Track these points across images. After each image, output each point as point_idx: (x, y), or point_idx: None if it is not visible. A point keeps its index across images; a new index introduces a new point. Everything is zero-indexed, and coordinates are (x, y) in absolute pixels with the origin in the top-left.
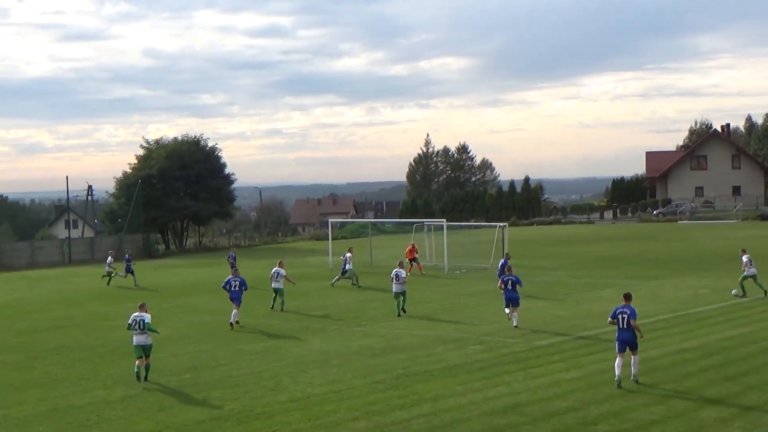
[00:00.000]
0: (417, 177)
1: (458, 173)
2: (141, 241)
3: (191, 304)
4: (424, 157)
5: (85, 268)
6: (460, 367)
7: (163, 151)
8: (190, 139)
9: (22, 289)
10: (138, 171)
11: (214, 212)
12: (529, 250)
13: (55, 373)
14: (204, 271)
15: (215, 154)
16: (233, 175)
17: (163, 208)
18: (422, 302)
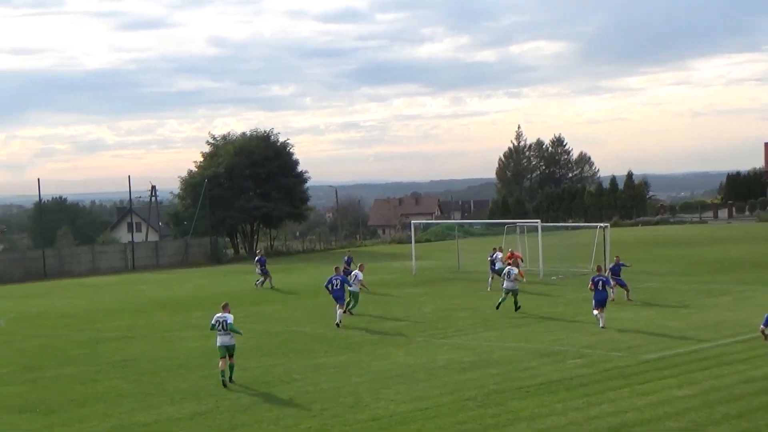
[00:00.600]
0: (507, 173)
1: (553, 169)
2: (208, 245)
3: (262, 313)
4: (515, 152)
5: (150, 274)
6: (559, 383)
7: (230, 148)
8: (259, 133)
9: (83, 297)
10: (204, 169)
11: (286, 213)
12: (633, 254)
13: (119, 387)
14: (276, 277)
15: (287, 150)
16: (306, 173)
17: (232, 209)
18: (513, 312)
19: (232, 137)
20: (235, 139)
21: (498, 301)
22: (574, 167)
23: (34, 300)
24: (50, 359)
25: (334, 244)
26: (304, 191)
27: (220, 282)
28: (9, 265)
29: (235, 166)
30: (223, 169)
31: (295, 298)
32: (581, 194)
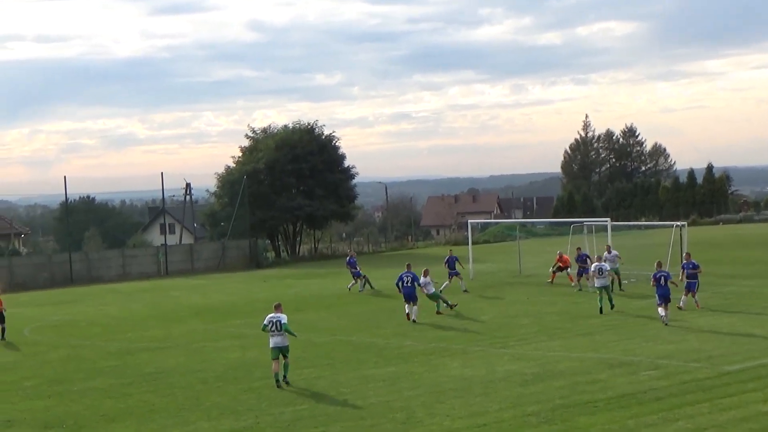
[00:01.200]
0: (574, 167)
1: (624, 162)
2: (247, 247)
3: (306, 321)
4: (582, 143)
5: (184, 279)
6: (631, 396)
7: (271, 142)
8: (302, 126)
9: (113, 305)
10: (243, 165)
11: (331, 213)
12: (713, 254)
13: (152, 401)
14: (320, 282)
15: (332, 144)
16: (354, 169)
17: (273, 208)
18: (581, 317)
19: (273, 130)
20: (276, 132)
21: (598, 305)
22: (647, 160)
23: (60, 308)
24: (77, 371)
25: (384, 246)
26: (352, 188)
27: (260, 288)
28: (33, 270)
29: (276, 162)
30: (263, 164)
31: (342, 304)
32: (655, 190)
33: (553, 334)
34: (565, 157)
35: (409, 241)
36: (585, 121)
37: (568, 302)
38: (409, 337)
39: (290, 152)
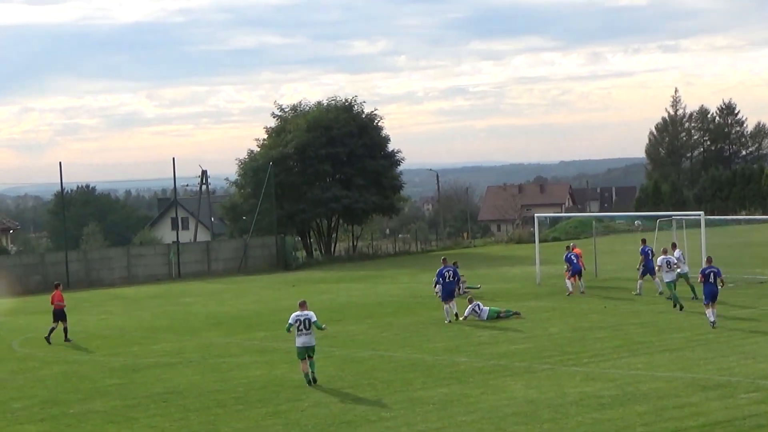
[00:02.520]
0: (661, 151)
1: (721, 144)
2: (273, 246)
3: (344, 333)
4: (670, 123)
5: (199, 283)
6: (728, 423)
7: (302, 122)
8: (339, 103)
9: (116, 313)
10: (269, 149)
11: (373, 205)
12: None
13: (161, 426)
14: (360, 287)
15: (374, 125)
16: (399, 153)
17: (304, 200)
18: (668, 330)
19: (304, 108)
20: (307, 110)
21: (672, 301)
22: (749, 142)
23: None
24: (75, 391)
25: (435, 245)
26: (397, 177)
27: (288, 294)
28: (24, 271)
29: (308, 145)
30: (292, 148)
31: (384, 314)
32: (758, 178)
33: (635, 349)
34: (651, 140)
35: (464, 238)
36: (674, 96)
37: (653, 312)
38: (464, 353)
39: (324, 134)
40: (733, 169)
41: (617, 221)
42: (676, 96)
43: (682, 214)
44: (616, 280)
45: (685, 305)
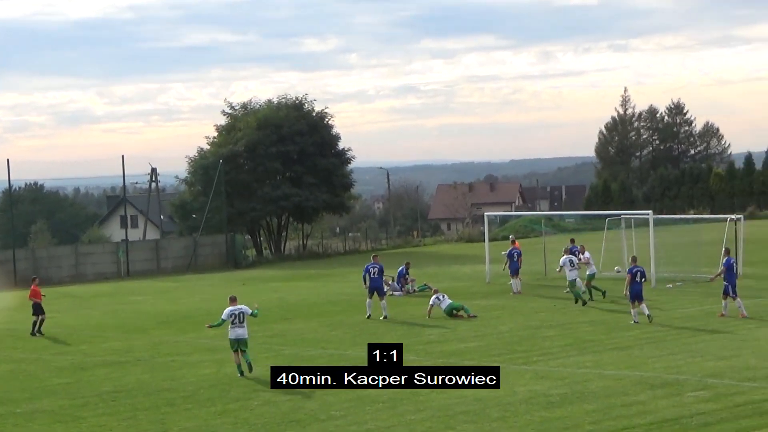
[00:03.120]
0: (610, 150)
1: (670, 144)
2: (223, 244)
3: (293, 332)
4: (620, 122)
5: (148, 282)
6: (675, 422)
7: (252, 120)
8: (289, 101)
9: (64, 311)
10: (219, 147)
11: (323, 204)
12: None
13: (109, 425)
14: (310, 286)
15: (325, 123)
16: (350, 152)
17: (254, 198)
18: (617, 329)
19: (255, 106)
20: (258, 108)
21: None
22: (697, 142)
23: (1, 314)
24: (22, 390)
25: (385, 243)
26: (347, 175)
27: (238, 292)
28: None
29: (258, 143)
30: (242, 146)
31: (334, 312)
32: (706, 177)
33: (584, 348)
34: (600, 139)
35: (414, 236)
36: (624, 95)
37: (602, 311)
38: (413, 351)
39: (275, 132)
40: (681, 169)
41: (566, 220)
42: (626, 95)
43: (631, 213)
44: (566, 279)
45: (569, 306)
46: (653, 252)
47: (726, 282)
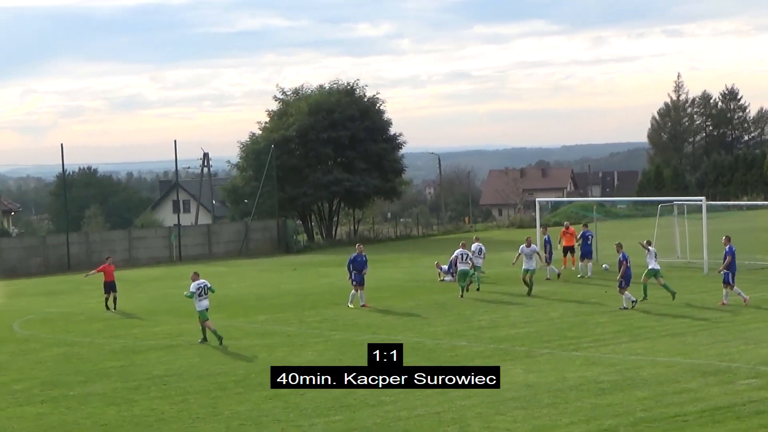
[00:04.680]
0: (663, 136)
1: (724, 130)
2: (274, 229)
3: (344, 317)
4: (673, 108)
5: (200, 266)
6: (727, 410)
7: (304, 105)
8: (341, 86)
9: (117, 295)
10: (270, 132)
11: (374, 189)
12: None
13: (161, 409)
14: None
15: (376, 108)
16: (401, 137)
17: (305, 183)
18: (669, 315)
19: (307, 91)
20: (310, 93)
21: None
22: (751, 128)
23: (55, 298)
24: (75, 374)
25: (436, 229)
26: (399, 160)
27: (289, 277)
28: (24, 254)
29: (309, 129)
30: (294, 132)
31: (385, 298)
32: (760, 163)
33: (635, 334)
34: (653, 125)
35: (466, 222)
36: (677, 81)
37: (654, 297)
38: (464, 337)
39: (326, 117)
40: (735, 155)
41: (618, 206)
42: (679, 81)
43: (683, 200)
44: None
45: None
46: (706, 239)
47: (727, 270)
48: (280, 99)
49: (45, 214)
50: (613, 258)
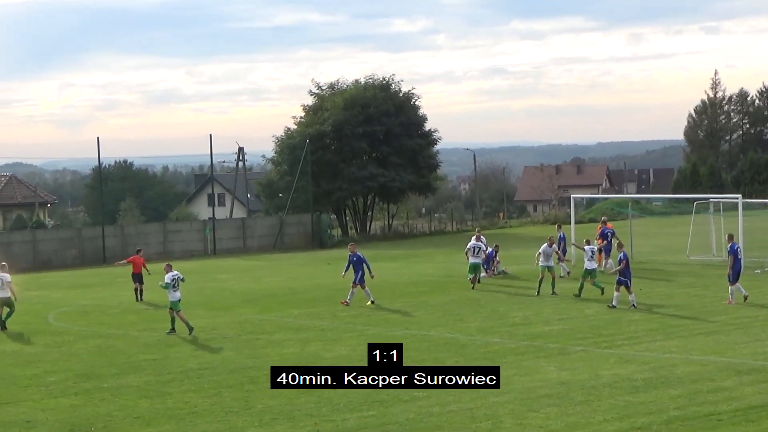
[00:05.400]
0: (699, 134)
1: (761, 128)
2: (308, 223)
3: (376, 313)
4: (710, 106)
5: (234, 260)
6: (761, 409)
7: (339, 100)
8: (376, 81)
9: (151, 288)
10: (305, 127)
11: (409, 184)
12: None
13: (194, 403)
14: (394, 266)
15: (411, 103)
16: (436, 133)
17: (340, 178)
18: (704, 314)
19: (342, 86)
20: (345, 88)
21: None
22: None
23: (89, 291)
24: (109, 366)
25: (471, 225)
26: (433, 156)
27: (323, 272)
28: (60, 245)
29: (344, 124)
30: (329, 126)
31: (418, 293)
32: None
33: (669, 332)
34: (689, 122)
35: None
36: (714, 78)
37: (688, 295)
38: (497, 333)
39: (361, 112)
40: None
41: (654, 203)
42: (716, 78)
43: (719, 197)
44: (652, 262)
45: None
46: (742, 236)
47: (730, 268)
48: (315, 94)
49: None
50: (645, 255)
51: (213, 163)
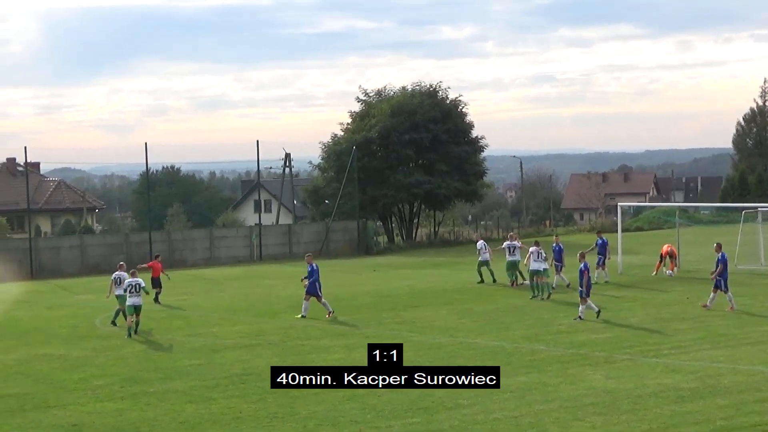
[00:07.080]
0: (748, 142)
1: None
2: (354, 230)
3: (422, 319)
4: (759, 114)
5: (281, 266)
6: None
7: (386, 106)
8: (423, 88)
9: (197, 293)
10: (352, 134)
11: (456, 191)
12: None
13: (239, 408)
14: (440, 273)
15: (459, 110)
16: (483, 140)
17: (386, 185)
18: (752, 323)
19: (389, 93)
20: (392, 95)
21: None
22: None
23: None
24: (155, 371)
25: (517, 232)
26: (480, 163)
27: (368, 278)
28: (108, 250)
29: (391, 130)
30: (376, 133)
31: (464, 300)
32: None
33: (716, 342)
34: (738, 130)
35: (547, 225)
36: (763, 86)
37: (736, 304)
38: (543, 341)
39: (408, 119)
40: None
41: (702, 212)
42: (765, 86)
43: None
44: (700, 271)
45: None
46: None
47: (719, 277)
48: (362, 100)
49: (128, 212)
50: (693, 264)
51: (260, 169)
